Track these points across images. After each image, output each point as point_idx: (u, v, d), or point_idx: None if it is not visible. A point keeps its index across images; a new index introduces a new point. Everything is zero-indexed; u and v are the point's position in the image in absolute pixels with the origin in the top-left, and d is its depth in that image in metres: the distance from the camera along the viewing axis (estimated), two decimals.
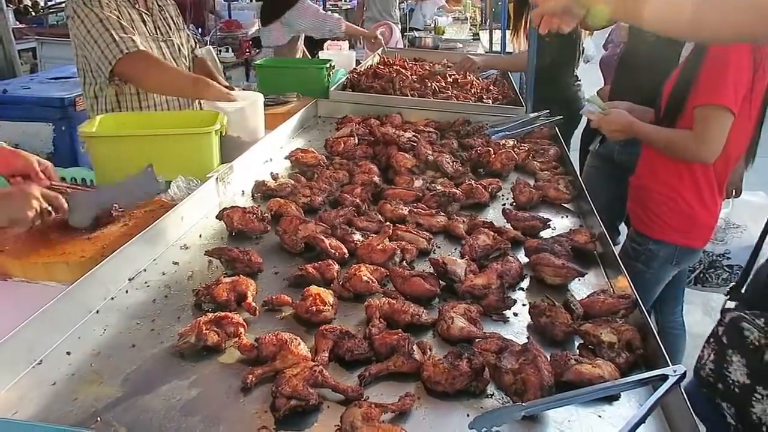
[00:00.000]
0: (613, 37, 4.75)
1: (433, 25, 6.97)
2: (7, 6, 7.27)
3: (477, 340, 1.13)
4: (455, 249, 1.55)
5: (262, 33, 4.09)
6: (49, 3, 8.95)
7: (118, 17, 2.19)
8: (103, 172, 1.84)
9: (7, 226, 1.34)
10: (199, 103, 2.40)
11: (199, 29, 7.65)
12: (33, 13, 9.78)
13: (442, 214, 1.69)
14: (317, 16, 3.90)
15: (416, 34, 6.28)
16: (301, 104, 2.76)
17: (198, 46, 2.76)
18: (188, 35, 2.61)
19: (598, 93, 3.01)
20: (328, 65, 3.08)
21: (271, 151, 2.20)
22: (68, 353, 1.07)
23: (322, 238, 1.45)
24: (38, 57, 7.09)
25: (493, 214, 1.79)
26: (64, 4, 10.40)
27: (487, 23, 7.67)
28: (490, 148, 2.15)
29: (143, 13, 2.38)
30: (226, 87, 2.35)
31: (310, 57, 4.41)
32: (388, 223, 1.55)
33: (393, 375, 1.06)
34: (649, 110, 2.10)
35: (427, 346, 1.10)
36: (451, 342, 1.15)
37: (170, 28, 2.50)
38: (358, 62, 3.82)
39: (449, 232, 1.63)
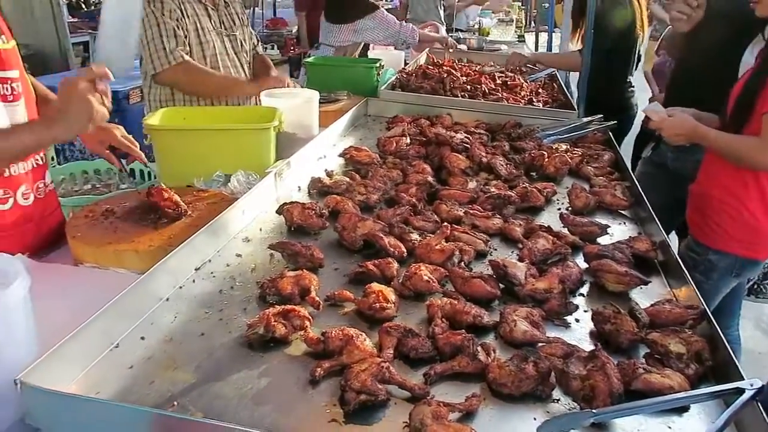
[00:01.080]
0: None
1: (477, 26, 6.91)
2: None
3: (540, 344, 1.13)
4: (512, 252, 1.55)
5: (325, 30, 4.07)
6: None
7: (178, 18, 2.27)
8: (165, 164, 1.89)
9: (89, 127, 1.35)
10: (258, 99, 2.45)
11: None
12: (85, 8, 10.07)
13: (498, 216, 1.68)
14: (392, 27, 3.86)
15: (460, 35, 6.25)
16: (352, 103, 2.78)
17: (259, 43, 2.82)
18: (251, 32, 2.68)
19: (650, 101, 2.96)
20: (377, 65, 3.11)
21: (325, 149, 2.23)
22: (142, 338, 1.10)
23: (382, 236, 1.46)
24: (90, 50, 7.29)
25: (547, 219, 1.78)
26: None
27: (532, 25, 7.61)
28: (544, 152, 2.13)
29: (209, 8, 2.47)
30: (280, 82, 2.43)
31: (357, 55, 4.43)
32: (446, 223, 1.56)
33: (456, 375, 1.06)
34: (715, 117, 2.06)
35: (491, 348, 1.10)
36: (513, 345, 1.14)
37: (234, 24, 2.58)
38: (405, 62, 3.83)
39: (505, 235, 1.63)
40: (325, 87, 2.95)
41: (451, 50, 4.09)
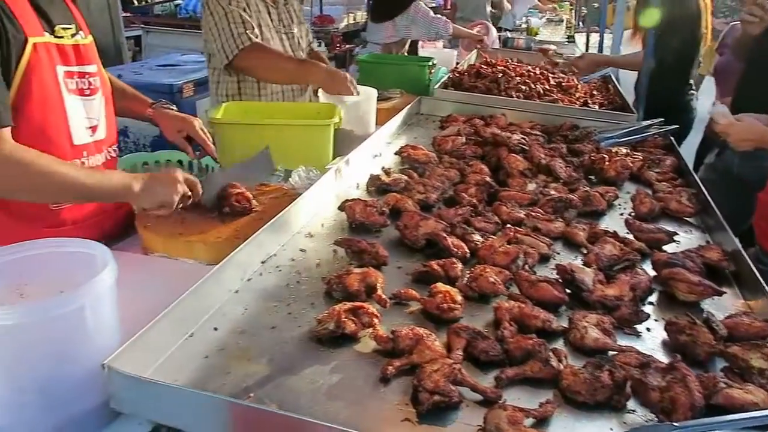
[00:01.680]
0: (729, 41, 4.43)
1: (525, 26, 6.82)
2: None
3: (613, 352, 1.11)
4: (575, 257, 1.52)
5: (371, 29, 4.13)
6: None
7: (244, 9, 2.30)
8: (226, 157, 1.92)
9: (154, 209, 1.40)
10: (315, 93, 2.47)
11: None
12: (137, 3, 10.35)
13: (560, 219, 1.66)
14: (426, 19, 3.87)
15: (508, 34, 6.18)
16: (404, 101, 2.78)
17: (314, 40, 2.85)
18: (307, 29, 2.71)
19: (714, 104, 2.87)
20: (430, 63, 3.10)
21: (380, 146, 2.23)
22: (215, 329, 1.12)
23: (445, 236, 1.45)
24: (142, 45, 7.48)
25: (609, 223, 1.74)
26: None
27: (582, 24, 7.48)
28: (604, 155, 2.08)
29: (269, 5, 2.52)
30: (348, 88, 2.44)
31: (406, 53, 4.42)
32: (509, 225, 1.54)
33: (526, 380, 1.05)
34: None
35: (563, 354, 1.08)
36: (583, 352, 1.12)
37: (292, 21, 2.62)
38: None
39: (567, 239, 1.60)
40: (377, 85, 2.94)
41: (486, 51, 4.05)
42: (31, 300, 0.97)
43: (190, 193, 1.46)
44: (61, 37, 1.44)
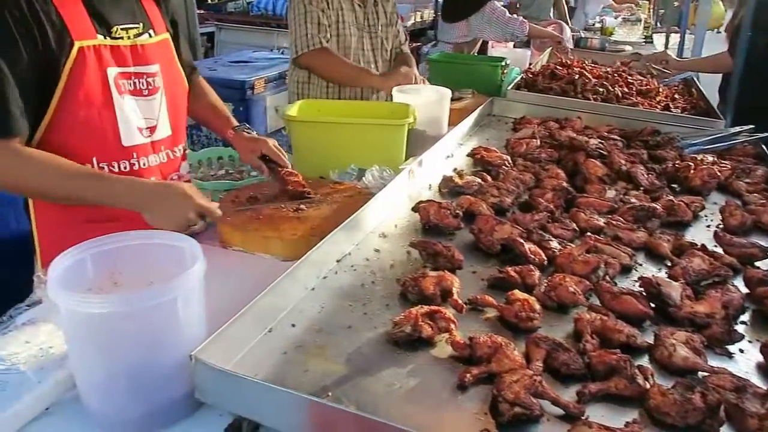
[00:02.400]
0: None
1: (598, 25, 6.60)
2: None
3: (704, 373, 1.05)
4: (659, 269, 1.45)
5: (442, 29, 4.10)
6: None
7: (324, 9, 2.37)
8: (301, 154, 1.95)
9: (160, 225, 1.29)
10: (388, 95, 2.49)
11: None
12: (210, 0, 10.70)
13: (643, 229, 1.59)
14: (502, 20, 3.80)
15: (582, 34, 6.00)
16: (476, 102, 2.74)
17: (407, 42, 2.89)
18: (398, 31, 2.74)
19: None
20: (502, 63, 3.04)
21: (452, 147, 2.21)
22: (293, 325, 1.13)
23: (522, 241, 1.42)
24: (215, 41, 7.71)
25: (694, 235, 1.65)
26: None
27: (660, 24, 7.17)
28: (689, 163, 1.98)
29: (356, 5, 2.59)
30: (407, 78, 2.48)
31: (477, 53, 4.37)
32: (589, 233, 1.49)
33: (609, 396, 1.01)
34: None
35: (649, 372, 1.03)
36: (670, 371, 1.07)
37: (378, 22, 2.67)
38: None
39: (650, 250, 1.53)
40: (448, 84, 2.91)
41: (564, 52, 3.87)
42: (124, 288, 1.01)
43: (201, 215, 1.35)
44: (120, 38, 1.44)
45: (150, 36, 1.52)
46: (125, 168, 1.49)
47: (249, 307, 1.06)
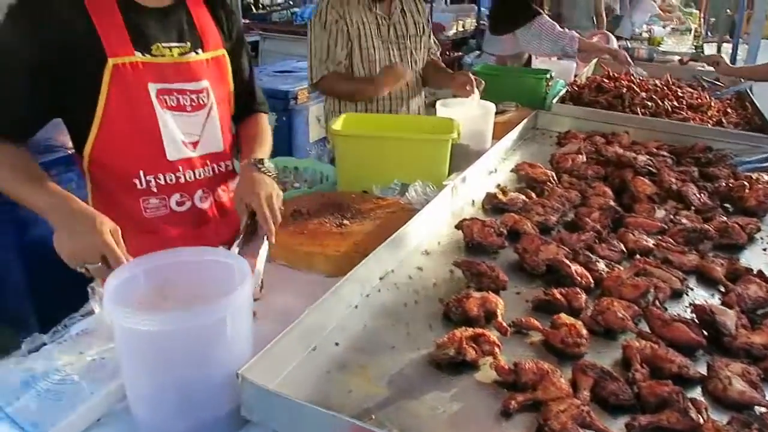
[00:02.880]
0: None
1: (646, 35, 6.45)
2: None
3: (762, 409, 1.00)
4: (712, 295, 1.41)
5: (488, 40, 4.05)
6: (274, 2, 9.87)
7: (339, 30, 2.43)
8: (344, 168, 1.96)
9: (59, 250, 1.22)
10: (432, 105, 2.48)
11: None
12: (255, 10, 10.93)
13: (694, 252, 1.54)
14: (551, 34, 3.66)
15: (628, 44, 5.87)
16: (520, 115, 2.71)
17: (438, 49, 2.87)
18: (427, 40, 2.73)
19: None
20: (547, 76, 3.00)
21: (495, 162, 2.19)
22: (336, 344, 1.14)
23: (568, 263, 1.39)
24: (259, 50, 7.85)
25: (750, 259, 1.59)
26: (285, 3, 11.42)
27: (711, 34, 6.97)
28: (744, 182, 1.91)
29: (380, 17, 2.56)
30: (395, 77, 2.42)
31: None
32: (638, 255, 1.45)
33: (660, 430, 0.98)
34: None
35: (703, 406, 1.00)
36: (725, 405, 1.03)
37: (406, 32, 2.64)
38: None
39: (702, 274, 1.48)
40: (491, 96, 2.89)
41: (626, 63, 3.69)
42: (173, 303, 1.03)
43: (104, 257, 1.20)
44: (162, 55, 1.44)
45: (198, 54, 1.51)
46: (171, 181, 1.51)
47: (294, 325, 1.06)
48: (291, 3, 9.47)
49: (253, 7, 11.06)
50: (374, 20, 2.55)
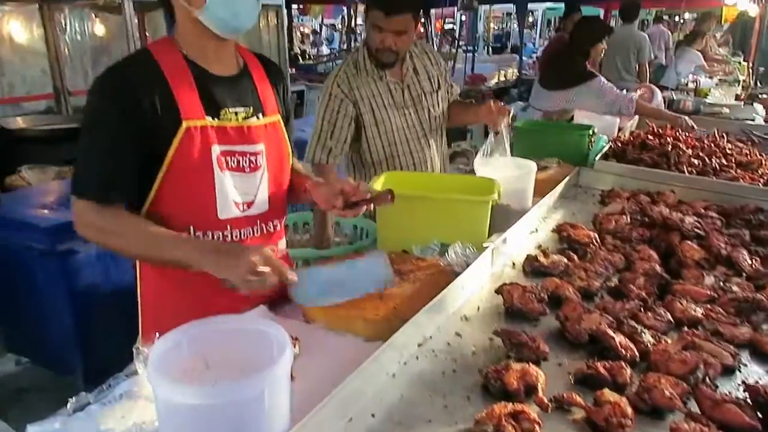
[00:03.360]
0: None
1: (692, 85, 6.36)
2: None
3: None
4: (767, 372, 1.34)
5: (538, 94, 4.04)
6: (320, 54, 10.23)
7: (345, 114, 2.45)
8: (384, 227, 1.98)
9: (227, 286, 1.31)
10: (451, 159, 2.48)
11: None
12: (302, 60, 11.35)
13: (747, 324, 1.47)
14: (609, 95, 3.64)
15: (673, 95, 5.80)
16: (562, 172, 2.70)
17: (457, 90, 2.87)
18: (448, 90, 2.73)
19: None
20: (590, 132, 2.99)
21: (536, 221, 2.17)
22: (373, 415, 1.13)
23: (611, 334, 1.36)
24: (304, 100, 8.11)
25: None
26: (330, 55, 11.83)
27: (760, 83, 6.83)
28: None
29: (392, 84, 2.54)
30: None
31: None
32: (686, 327, 1.40)
33: None
34: None
35: None
36: None
37: (423, 92, 2.61)
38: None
39: (756, 349, 1.41)
40: (533, 152, 2.89)
41: (689, 129, 3.49)
42: (215, 372, 1.05)
43: (269, 274, 1.30)
44: (228, 119, 1.53)
45: (258, 118, 1.60)
46: (218, 239, 1.57)
47: (333, 395, 1.06)
48: (335, 55, 9.78)
49: (300, 58, 11.52)
50: (386, 88, 2.52)
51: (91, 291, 2.73)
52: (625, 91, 3.85)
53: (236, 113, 1.55)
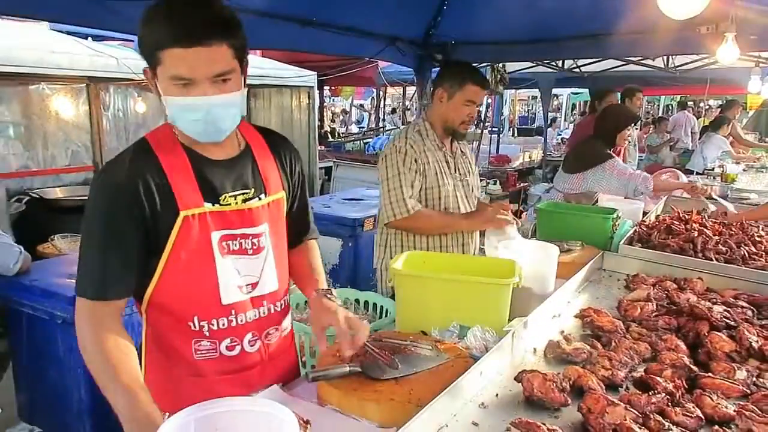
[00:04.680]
0: None
1: (719, 170, 6.35)
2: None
3: None
4: None
5: (560, 177, 4.12)
6: (349, 132, 10.57)
7: (417, 170, 2.64)
8: (403, 307, 1.96)
9: None
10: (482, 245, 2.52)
11: None
12: (331, 138, 11.71)
13: None
14: (623, 175, 3.75)
15: (699, 180, 5.79)
16: (585, 255, 2.67)
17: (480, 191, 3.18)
18: (478, 177, 3.04)
19: None
20: (614, 216, 2.97)
21: (559, 306, 2.13)
22: None
23: (637, 430, 1.29)
24: (332, 176, 8.31)
25: None
26: (359, 134, 12.20)
27: None
28: None
29: (448, 155, 2.82)
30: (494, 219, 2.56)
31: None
32: (717, 426, 1.33)
33: None
34: None
35: None
36: None
37: (468, 171, 2.93)
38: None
39: None
40: (556, 235, 2.88)
41: (707, 196, 3.62)
42: None
43: None
44: (227, 204, 1.49)
45: (260, 199, 1.56)
46: (224, 325, 1.53)
47: None
48: (364, 134, 10.08)
49: (329, 135, 11.90)
50: (443, 158, 2.78)
51: None
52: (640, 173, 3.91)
53: (235, 197, 1.51)
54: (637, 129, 7.21)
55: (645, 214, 3.60)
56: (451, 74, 2.73)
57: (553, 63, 8.01)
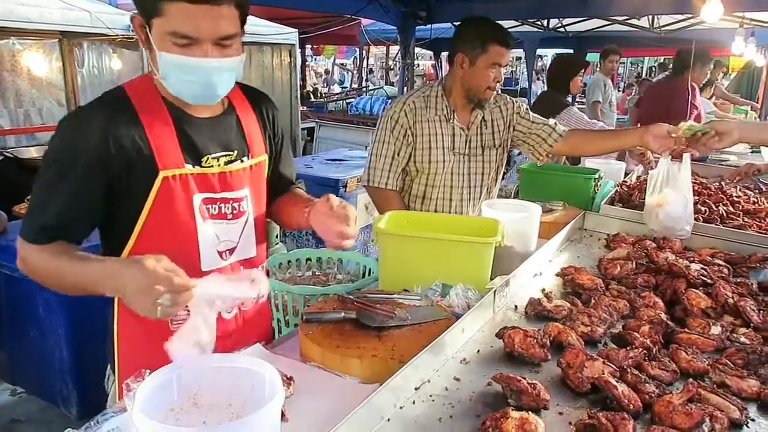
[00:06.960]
0: None
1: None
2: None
3: None
4: None
5: None
6: (331, 92, 10.41)
7: (406, 144, 2.47)
8: (386, 266, 1.96)
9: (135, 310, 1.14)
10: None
11: None
12: (313, 98, 11.54)
13: (755, 377, 1.43)
14: (580, 124, 3.98)
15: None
16: (567, 215, 2.68)
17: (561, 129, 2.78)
18: (502, 152, 2.70)
19: None
20: (596, 176, 2.99)
21: (540, 265, 2.15)
22: None
23: (615, 384, 1.32)
24: (315, 137, 8.22)
25: None
26: (341, 94, 12.03)
27: None
28: None
29: (458, 128, 2.52)
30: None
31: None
32: (691, 380, 1.36)
33: None
34: None
35: None
36: None
37: (485, 146, 2.60)
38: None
39: (764, 403, 1.37)
40: (538, 195, 2.89)
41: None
42: (204, 409, 1.02)
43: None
44: (210, 166, 1.45)
45: (242, 161, 1.52)
46: None
47: None
48: (346, 94, 9.94)
49: (312, 96, 11.72)
50: (450, 132, 2.50)
51: (90, 324, 2.71)
52: (600, 123, 4.07)
53: (218, 159, 1.46)
54: (619, 91, 7.21)
55: (627, 174, 3.62)
56: (471, 35, 2.38)
57: (539, 23, 7.91)
